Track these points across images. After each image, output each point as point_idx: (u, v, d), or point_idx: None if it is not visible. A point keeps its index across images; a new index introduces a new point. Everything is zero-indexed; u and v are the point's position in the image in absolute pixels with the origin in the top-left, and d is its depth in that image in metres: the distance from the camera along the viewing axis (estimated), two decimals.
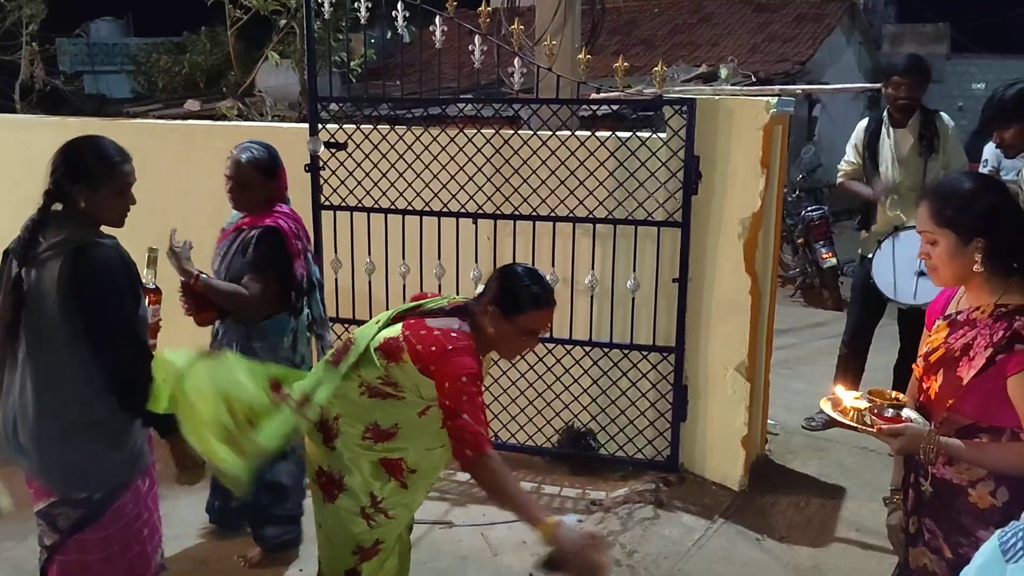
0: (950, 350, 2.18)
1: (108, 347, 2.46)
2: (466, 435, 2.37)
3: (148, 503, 2.64)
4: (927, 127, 4.60)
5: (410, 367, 2.49)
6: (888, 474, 4.32)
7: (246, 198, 3.49)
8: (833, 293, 8.14)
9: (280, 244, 3.43)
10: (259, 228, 3.43)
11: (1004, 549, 1.33)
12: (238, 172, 3.46)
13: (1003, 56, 19.10)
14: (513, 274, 2.59)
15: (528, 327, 2.55)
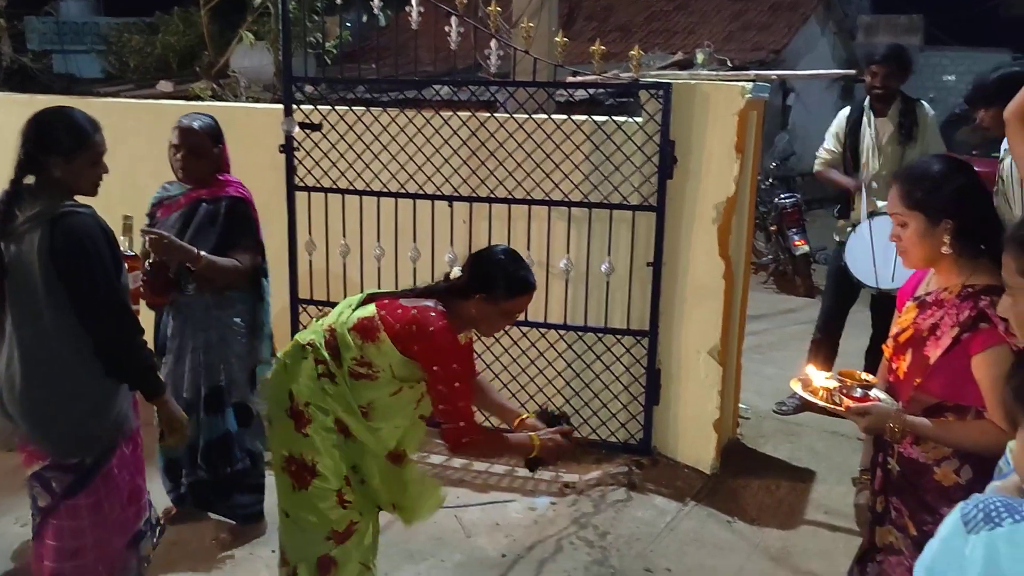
0: (918, 330, 2.21)
1: (93, 314, 2.50)
2: (459, 422, 2.50)
3: (132, 467, 2.72)
4: (907, 115, 4.64)
5: (387, 346, 2.49)
6: (858, 458, 4.40)
7: (199, 167, 3.48)
8: (805, 280, 8.22)
9: (252, 213, 3.53)
10: (226, 199, 3.47)
11: (965, 520, 1.36)
12: (192, 140, 3.46)
13: (975, 48, 19.31)
14: (499, 259, 2.60)
15: (514, 310, 2.62)
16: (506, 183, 4.34)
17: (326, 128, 4.52)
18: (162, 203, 3.57)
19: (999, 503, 1.34)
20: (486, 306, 2.55)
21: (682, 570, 3.56)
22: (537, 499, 4.07)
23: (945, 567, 1.38)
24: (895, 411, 2.20)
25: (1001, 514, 1.32)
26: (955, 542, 1.37)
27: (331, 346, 2.58)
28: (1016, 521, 1.30)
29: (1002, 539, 1.30)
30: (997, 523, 1.32)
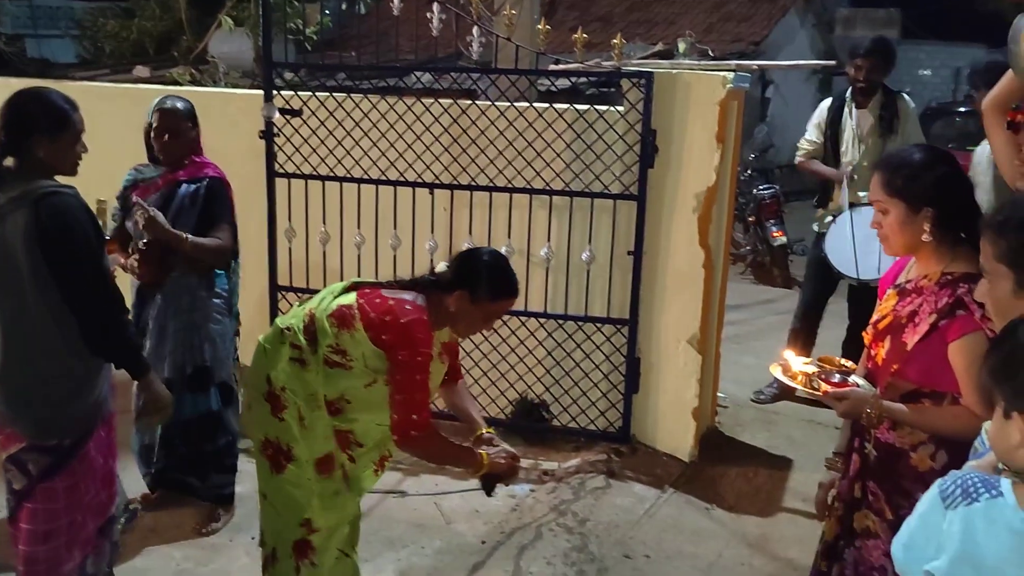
0: (897, 317, 2.24)
1: (80, 293, 2.50)
2: (411, 415, 2.45)
3: (107, 450, 2.72)
4: (888, 108, 4.69)
5: (362, 335, 2.48)
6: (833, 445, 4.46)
7: (179, 149, 3.52)
8: (783, 271, 8.28)
9: (229, 193, 3.59)
10: (204, 179, 3.52)
11: (944, 496, 1.38)
12: (174, 121, 3.49)
13: (950, 43, 19.48)
14: (486, 261, 2.59)
15: (494, 313, 2.61)
16: (487, 171, 4.34)
17: (306, 114, 4.49)
18: (137, 185, 3.57)
19: (976, 479, 1.37)
20: (467, 304, 2.53)
21: (661, 556, 3.58)
22: (516, 486, 4.08)
23: (923, 542, 1.41)
24: (872, 396, 2.23)
25: (979, 489, 1.35)
26: (933, 517, 1.39)
27: (309, 331, 2.56)
28: (993, 496, 1.34)
29: (979, 514, 1.34)
30: (974, 498, 1.35)
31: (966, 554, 1.34)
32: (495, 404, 4.59)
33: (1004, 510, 1.33)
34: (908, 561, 1.45)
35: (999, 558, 1.31)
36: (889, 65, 4.71)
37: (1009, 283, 1.63)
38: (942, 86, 19.34)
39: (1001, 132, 2.51)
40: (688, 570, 3.51)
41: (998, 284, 1.65)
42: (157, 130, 3.48)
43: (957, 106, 12.36)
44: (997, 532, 1.32)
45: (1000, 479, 1.37)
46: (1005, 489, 1.35)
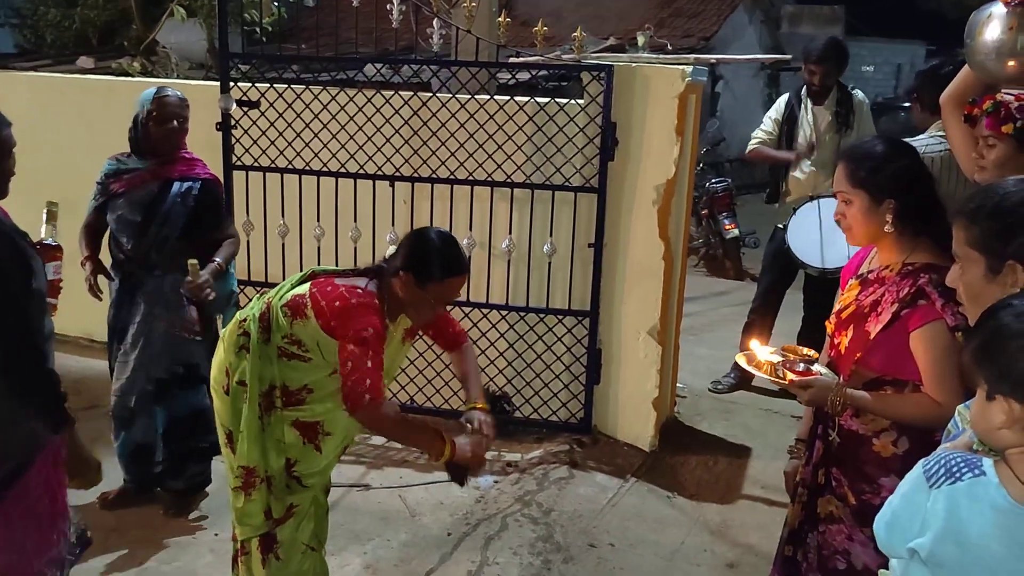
0: (860, 307, 2.29)
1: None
2: (361, 384, 2.36)
3: (54, 483, 2.41)
4: (843, 104, 4.81)
5: (313, 324, 2.46)
6: (791, 434, 4.51)
7: (178, 138, 3.53)
8: (735, 263, 8.40)
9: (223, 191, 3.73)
10: (199, 181, 3.55)
11: (928, 476, 1.42)
12: (178, 110, 3.50)
13: (891, 40, 19.92)
14: (428, 240, 2.52)
15: (441, 295, 2.52)
16: (448, 164, 4.33)
17: (264, 106, 4.44)
18: (120, 176, 3.50)
19: (959, 459, 1.41)
20: (415, 289, 2.47)
21: (625, 545, 3.62)
22: (480, 478, 4.09)
23: (907, 521, 1.45)
24: (836, 385, 2.27)
25: (962, 469, 1.40)
26: (917, 497, 1.43)
27: (264, 320, 2.54)
28: (976, 476, 1.38)
29: (962, 493, 1.38)
30: (958, 478, 1.39)
31: (950, 531, 1.38)
32: (457, 397, 4.57)
33: (987, 488, 1.37)
34: (891, 538, 1.49)
35: (982, 534, 1.36)
36: (843, 67, 4.83)
37: (980, 268, 1.67)
38: (884, 82, 19.78)
39: (959, 125, 2.57)
40: (651, 557, 3.55)
41: (970, 269, 1.70)
42: (160, 119, 3.45)
43: (900, 101, 12.66)
44: (980, 510, 1.36)
45: (982, 459, 1.41)
46: (987, 468, 1.39)
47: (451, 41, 4.70)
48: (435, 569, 3.40)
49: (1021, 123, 2.30)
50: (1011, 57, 2.37)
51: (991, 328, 1.38)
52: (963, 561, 1.38)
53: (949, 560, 1.39)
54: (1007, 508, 1.35)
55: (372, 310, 2.43)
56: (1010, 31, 2.36)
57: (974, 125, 2.46)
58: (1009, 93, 2.39)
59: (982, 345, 1.39)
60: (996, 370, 1.37)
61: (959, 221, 1.72)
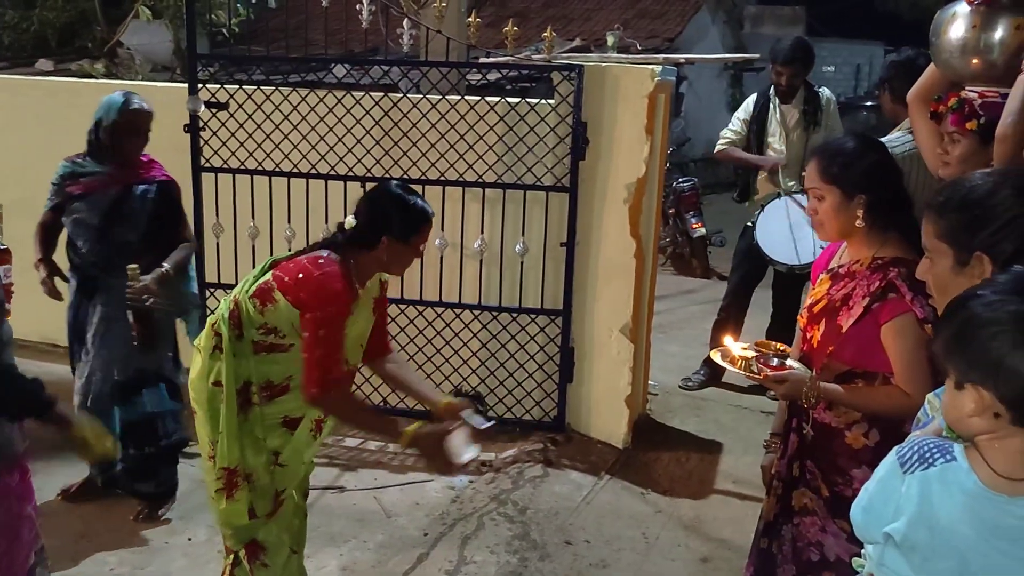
0: (831, 301, 2.33)
1: None
2: (315, 372, 2.39)
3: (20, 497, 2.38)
4: (811, 102, 4.89)
5: (283, 304, 2.44)
6: (761, 429, 4.60)
7: (141, 147, 3.52)
8: (702, 262, 8.47)
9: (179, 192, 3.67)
10: (156, 184, 3.55)
11: (902, 462, 1.46)
12: (145, 121, 3.49)
13: (851, 41, 20.21)
14: (394, 196, 2.54)
15: (420, 242, 2.58)
16: (420, 164, 4.33)
17: (233, 108, 4.41)
18: (77, 179, 3.47)
19: (932, 445, 1.45)
20: (396, 245, 2.49)
21: (600, 541, 3.65)
22: (455, 478, 4.09)
23: (882, 505, 1.48)
24: (810, 378, 2.31)
25: (934, 455, 1.43)
26: (892, 482, 1.47)
27: (235, 318, 2.51)
28: (947, 461, 1.42)
29: (934, 478, 1.42)
30: (930, 463, 1.43)
31: (923, 516, 1.42)
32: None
33: (958, 473, 1.41)
34: (867, 523, 1.52)
35: (952, 518, 1.39)
36: (809, 67, 4.92)
37: (949, 260, 1.70)
38: (844, 82, 20.06)
39: (925, 122, 2.62)
40: (627, 553, 3.58)
41: (939, 261, 1.73)
42: (127, 128, 3.43)
43: (861, 101, 12.86)
44: (951, 494, 1.40)
45: (953, 445, 1.45)
46: (958, 454, 1.43)
47: (421, 42, 4.70)
48: (412, 569, 3.40)
49: (985, 119, 2.36)
50: (975, 55, 2.43)
51: (961, 318, 1.41)
52: (935, 544, 1.42)
53: (922, 544, 1.43)
54: (976, 492, 1.39)
55: (336, 278, 2.42)
56: (974, 29, 2.42)
57: (939, 122, 2.51)
58: (973, 90, 2.45)
59: (953, 335, 1.42)
60: (966, 359, 1.39)
61: (928, 214, 1.76)
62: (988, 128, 2.34)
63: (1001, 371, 1.34)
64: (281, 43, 5.11)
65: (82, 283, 3.53)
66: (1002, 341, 1.34)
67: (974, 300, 1.40)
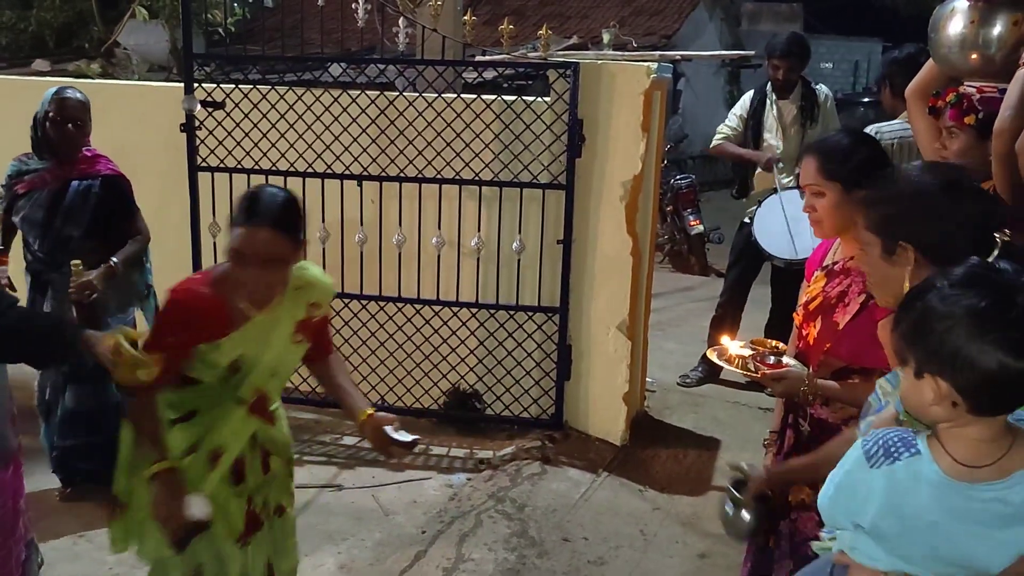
0: (827, 298, 2.33)
1: None
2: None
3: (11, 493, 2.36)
4: (808, 98, 4.89)
5: None
6: (759, 425, 4.62)
7: (78, 139, 3.50)
8: (700, 259, 8.47)
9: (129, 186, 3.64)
10: (100, 178, 3.53)
11: (868, 456, 1.50)
12: (78, 113, 3.46)
13: (848, 37, 20.23)
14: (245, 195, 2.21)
15: (237, 248, 2.12)
16: (416, 162, 4.33)
17: (229, 107, 4.41)
18: (22, 177, 3.51)
19: (896, 438, 1.49)
20: (234, 263, 2.16)
21: (598, 538, 3.65)
22: (453, 476, 4.10)
23: (848, 497, 1.52)
24: (807, 376, 2.31)
25: (899, 449, 1.47)
26: (858, 475, 1.50)
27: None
28: (912, 455, 1.46)
29: (900, 471, 1.46)
30: (896, 457, 1.47)
31: (891, 507, 1.46)
32: (428, 395, 4.59)
33: (922, 465, 1.46)
34: (834, 512, 1.57)
35: (920, 507, 1.45)
36: (805, 61, 4.92)
37: (877, 249, 1.77)
38: (842, 79, 20.07)
39: (923, 117, 2.63)
40: (626, 550, 3.58)
41: (870, 251, 1.79)
42: (58, 120, 3.43)
43: (859, 97, 12.86)
44: (917, 486, 1.45)
45: (915, 437, 1.49)
46: (921, 447, 1.48)
47: (417, 40, 4.70)
48: (410, 567, 3.41)
49: (983, 114, 2.36)
50: (973, 50, 2.43)
51: (918, 310, 1.44)
52: (904, 532, 1.47)
53: (892, 533, 1.48)
54: (941, 482, 1.44)
55: (182, 293, 2.19)
56: (972, 25, 2.42)
57: (938, 117, 2.52)
58: (971, 85, 2.45)
59: (911, 326, 1.45)
60: (924, 350, 1.43)
61: (860, 208, 1.79)
62: (986, 123, 2.34)
63: (957, 362, 1.38)
64: (277, 42, 5.11)
65: (34, 279, 3.60)
66: (957, 334, 1.38)
67: (931, 293, 1.43)
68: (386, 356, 4.55)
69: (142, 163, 4.71)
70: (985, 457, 1.45)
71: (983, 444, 1.45)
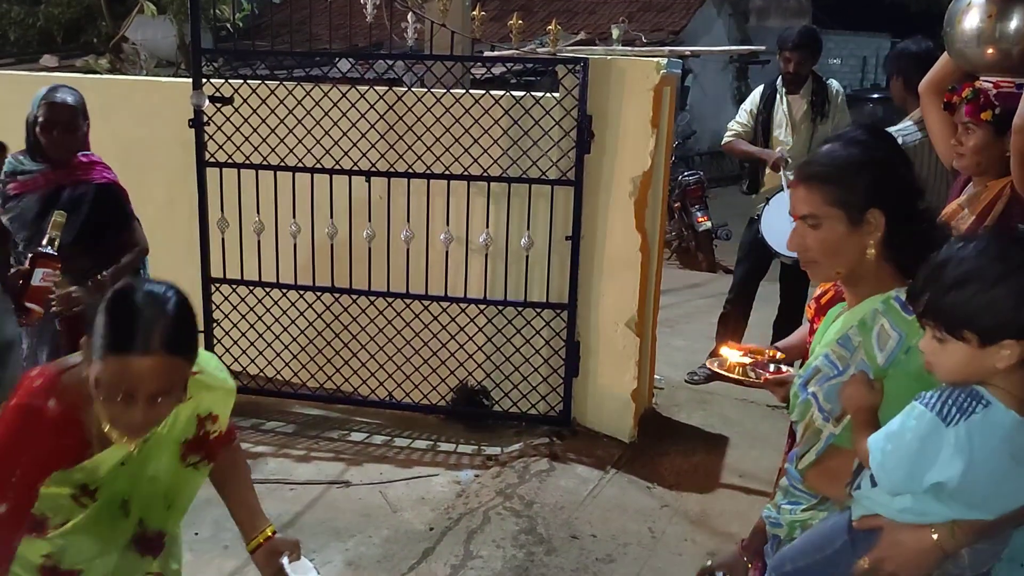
0: (838, 292, 2.31)
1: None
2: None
3: None
4: (819, 94, 4.85)
5: None
6: (767, 423, 4.60)
7: (68, 144, 3.30)
8: (708, 256, 8.45)
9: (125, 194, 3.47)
10: (93, 187, 3.35)
11: (942, 416, 1.49)
12: (68, 116, 3.27)
13: (857, 32, 20.15)
14: (113, 298, 1.61)
15: (103, 380, 1.55)
16: (424, 158, 4.32)
17: (237, 102, 4.40)
18: (15, 177, 3.35)
19: (962, 394, 1.50)
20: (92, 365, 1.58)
21: (607, 535, 3.64)
22: (461, 472, 4.09)
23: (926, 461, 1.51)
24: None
25: (971, 403, 1.49)
26: (934, 437, 1.49)
27: None
28: (985, 406, 1.49)
29: (978, 424, 1.48)
30: (972, 411, 1.48)
31: (974, 461, 1.47)
32: (436, 392, 4.59)
33: (997, 414, 1.48)
34: (909, 480, 1.54)
35: (997, 454, 1.48)
36: (817, 55, 4.88)
37: (843, 224, 1.72)
38: (850, 75, 20.01)
39: (938, 113, 2.60)
40: (634, 547, 3.57)
41: (833, 227, 1.73)
42: (45, 125, 3.24)
43: (868, 93, 12.81)
44: (993, 434, 1.48)
45: (977, 390, 1.51)
46: (988, 397, 1.50)
47: (425, 36, 4.69)
48: (418, 564, 3.40)
49: (1000, 110, 2.34)
50: (990, 45, 2.41)
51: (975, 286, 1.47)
52: (980, 482, 1.50)
53: (970, 486, 1.50)
54: (1015, 425, 1.49)
55: (22, 408, 1.62)
56: (989, 19, 2.39)
57: (953, 112, 2.49)
58: (988, 80, 2.42)
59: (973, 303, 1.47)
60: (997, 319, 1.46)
61: (811, 184, 1.76)
62: (1003, 119, 2.32)
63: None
64: (285, 38, 5.11)
65: None
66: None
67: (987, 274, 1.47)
68: (394, 352, 4.54)
69: (150, 159, 4.74)
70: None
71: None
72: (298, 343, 4.70)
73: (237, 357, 4.72)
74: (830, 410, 1.77)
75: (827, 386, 1.75)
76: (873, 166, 1.73)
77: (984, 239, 1.55)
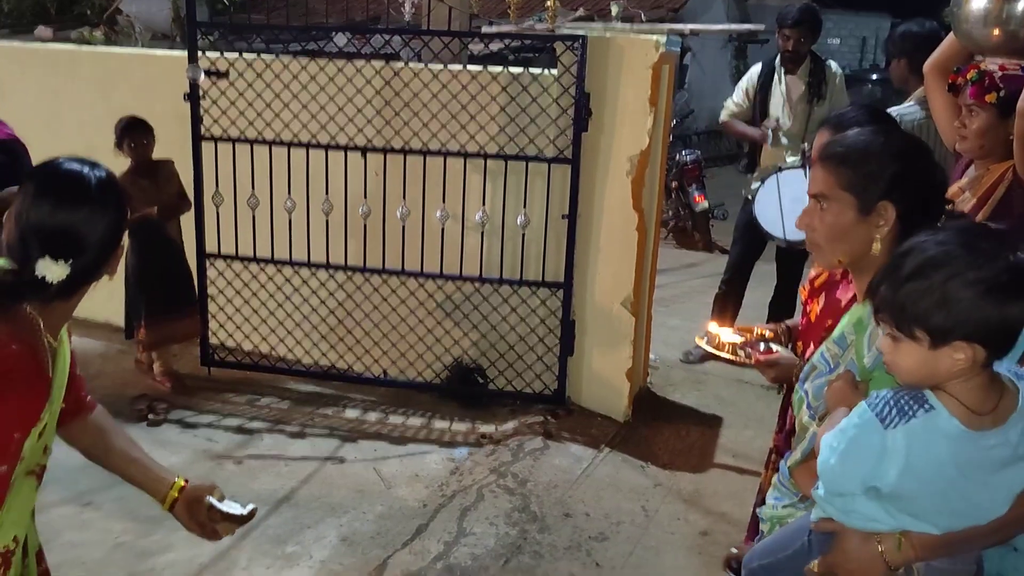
0: (832, 275, 2.32)
1: None
2: None
3: None
4: (816, 74, 4.82)
5: None
6: (761, 404, 4.61)
7: None
8: (704, 235, 8.44)
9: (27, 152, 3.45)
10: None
11: (880, 417, 1.47)
12: None
13: (856, 12, 20.05)
14: None
15: None
16: (421, 135, 4.29)
17: (233, 76, 4.37)
18: None
19: (906, 397, 1.47)
20: None
21: (600, 514, 3.65)
22: (455, 450, 4.10)
23: (860, 462, 1.50)
24: (798, 361, 2.32)
25: (912, 407, 1.46)
26: (870, 438, 1.48)
27: None
28: (927, 411, 1.45)
29: (919, 429, 1.45)
30: (912, 415, 1.46)
31: (911, 466, 1.45)
32: (431, 369, 4.59)
33: (939, 420, 1.45)
34: (842, 479, 1.53)
35: (937, 462, 1.45)
36: (816, 33, 4.84)
37: (852, 210, 1.70)
38: (850, 55, 19.93)
39: (942, 94, 2.59)
40: (627, 526, 3.58)
41: (842, 212, 1.71)
42: None
43: (867, 74, 12.76)
44: (935, 441, 1.45)
45: (924, 394, 1.48)
46: (933, 402, 1.47)
47: (422, 11, 4.65)
48: (411, 540, 3.41)
49: (1005, 92, 2.32)
50: (996, 26, 2.38)
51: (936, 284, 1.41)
52: (919, 489, 1.48)
53: (909, 491, 1.48)
54: (958, 434, 1.44)
55: None
56: (996, 0, 2.37)
57: (958, 94, 2.48)
58: (993, 62, 2.41)
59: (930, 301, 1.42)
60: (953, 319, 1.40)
61: (826, 165, 1.74)
62: (1008, 101, 2.31)
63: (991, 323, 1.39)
64: (281, 11, 5.06)
65: None
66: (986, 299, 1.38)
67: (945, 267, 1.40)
68: (389, 329, 4.54)
69: None
70: (989, 403, 1.46)
71: (986, 390, 1.47)
72: (293, 319, 4.69)
73: (232, 332, 4.71)
74: (816, 408, 1.76)
75: (816, 384, 1.75)
76: (895, 160, 1.70)
77: (950, 230, 1.49)
